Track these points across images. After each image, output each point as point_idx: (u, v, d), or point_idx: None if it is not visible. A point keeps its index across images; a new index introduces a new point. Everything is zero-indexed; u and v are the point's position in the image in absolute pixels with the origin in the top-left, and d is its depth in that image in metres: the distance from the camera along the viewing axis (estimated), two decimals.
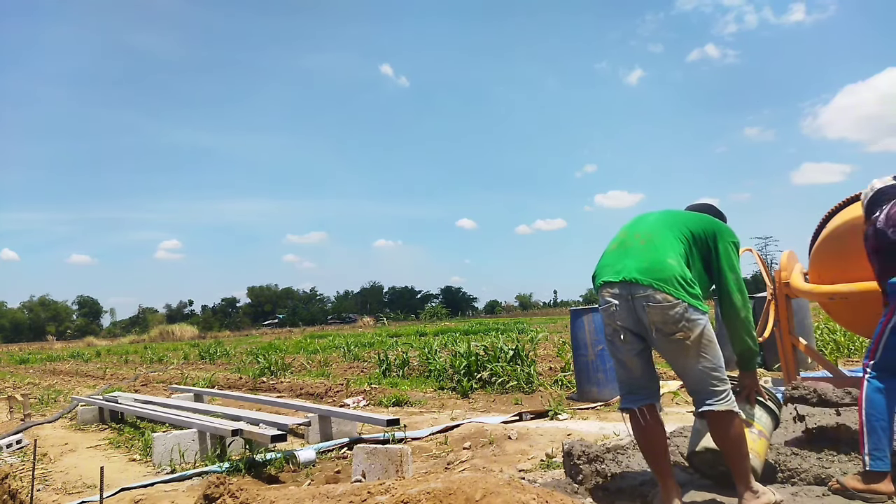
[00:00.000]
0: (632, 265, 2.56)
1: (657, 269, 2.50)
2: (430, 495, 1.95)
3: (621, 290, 2.55)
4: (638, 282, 2.50)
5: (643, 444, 2.63)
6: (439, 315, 59.32)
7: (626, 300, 2.53)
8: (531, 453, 3.87)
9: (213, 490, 2.46)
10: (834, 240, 3.90)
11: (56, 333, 67.48)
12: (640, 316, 2.51)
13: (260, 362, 11.68)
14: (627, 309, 2.54)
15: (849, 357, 7.85)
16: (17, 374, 16.86)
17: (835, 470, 2.78)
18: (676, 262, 2.53)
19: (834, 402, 3.11)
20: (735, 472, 2.47)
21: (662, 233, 2.66)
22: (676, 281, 2.46)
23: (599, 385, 5.95)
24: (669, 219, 2.75)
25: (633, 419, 2.63)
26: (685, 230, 2.68)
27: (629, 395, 2.69)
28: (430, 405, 6.33)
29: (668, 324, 2.45)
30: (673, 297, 2.44)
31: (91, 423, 6.46)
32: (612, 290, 2.58)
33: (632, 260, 2.58)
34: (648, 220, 2.78)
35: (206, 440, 4.49)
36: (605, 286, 2.62)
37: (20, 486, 4.07)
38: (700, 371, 2.49)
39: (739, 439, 2.48)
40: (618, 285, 2.56)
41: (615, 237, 2.81)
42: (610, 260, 2.69)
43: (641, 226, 2.75)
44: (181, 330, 51.52)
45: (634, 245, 2.65)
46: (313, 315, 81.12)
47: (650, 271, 2.50)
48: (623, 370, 2.69)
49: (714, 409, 2.47)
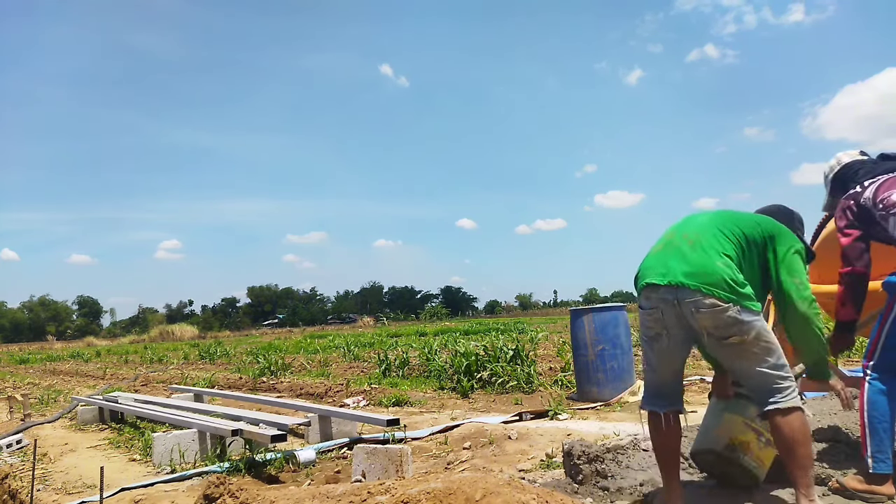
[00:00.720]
0: (678, 268, 2.44)
1: (704, 273, 2.39)
2: (430, 495, 1.95)
3: (667, 294, 2.43)
4: (685, 286, 2.39)
5: (659, 446, 2.58)
6: (439, 315, 59.27)
7: (672, 305, 2.43)
8: (531, 453, 3.87)
9: (213, 490, 2.46)
10: (834, 240, 3.90)
11: (56, 333, 67.43)
12: (690, 321, 2.41)
13: (260, 362, 11.67)
14: (675, 314, 2.43)
15: (849, 357, 7.84)
16: (17, 374, 16.85)
17: (834, 470, 2.78)
18: (725, 265, 2.41)
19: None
20: (796, 477, 2.32)
21: (712, 233, 2.53)
22: (725, 283, 2.35)
23: (599, 385, 5.94)
24: (721, 219, 2.62)
25: (655, 422, 2.57)
26: (737, 231, 2.54)
27: (656, 397, 2.60)
28: (430, 405, 6.32)
29: (721, 328, 2.36)
30: (722, 300, 2.33)
31: (91, 423, 6.45)
32: (658, 294, 2.46)
33: (678, 262, 2.47)
34: (698, 220, 2.65)
35: (206, 440, 4.49)
36: (649, 289, 2.50)
37: (20, 486, 4.07)
38: (761, 372, 2.39)
39: (805, 440, 2.34)
40: (663, 289, 2.44)
41: (661, 237, 2.68)
42: (654, 261, 2.57)
43: (690, 226, 2.62)
44: (181, 330, 51.48)
45: (681, 246, 2.53)
46: (313, 315, 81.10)
47: (697, 275, 2.39)
48: (655, 373, 2.60)
49: (780, 406, 2.33)
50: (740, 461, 2.67)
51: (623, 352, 6.03)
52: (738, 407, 2.77)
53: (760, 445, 2.69)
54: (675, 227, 2.68)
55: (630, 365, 6.12)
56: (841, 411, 3.27)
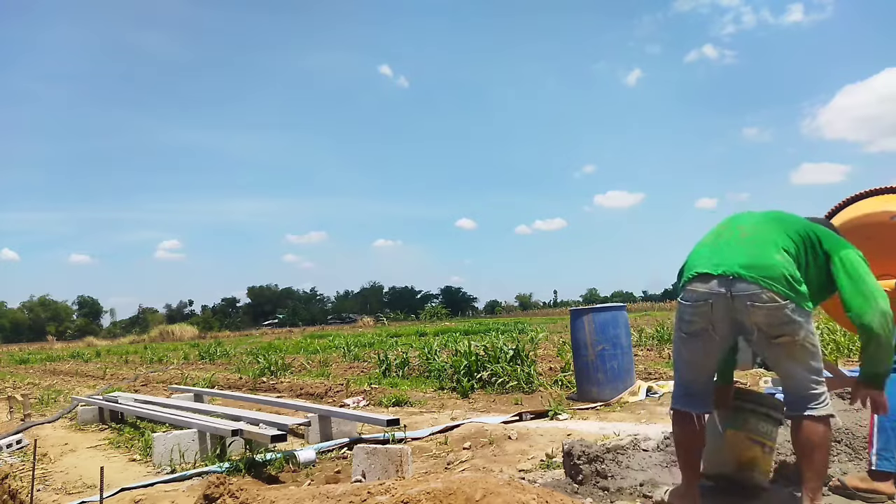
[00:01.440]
0: (733, 259, 2.32)
1: (764, 266, 2.27)
2: (430, 495, 1.95)
3: (720, 286, 2.29)
4: (741, 277, 2.26)
5: (686, 447, 2.51)
6: (439, 315, 59.25)
7: (724, 297, 2.29)
8: (531, 453, 3.87)
9: (213, 490, 2.46)
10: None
11: (56, 333, 67.35)
12: (740, 316, 2.30)
13: (260, 362, 11.67)
14: (725, 307, 2.30)
15: (849, 357, 7.84)
16: (17, 374, 16.85)
17: (834, 470, 2.78)
18: (785, 260, 2.29)
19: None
20: (808, 480, 2.30)
21: (770, 228, 2.42)
22: (785, 279, 2.25)
23: (599, 385, 5.94)
24: (777, 216, 2.51)
25: (685, 422, 2.49)
26: (794, 229, 2.43)
27: (688, 396, 2.50)
28: (430, 405, 6.32)
29: (774, 326, 2.26)
30: (781, 296, 2.23)
31: (91, 423, 6.45)
32: (709, 284, 2.32)
33: (733, 253, 2.34)
34: (751, 216, 2.55)
35: (206, 440, 4.49)
36: (698, 279, 2.35)
37: (20, 486, 4.07)
38: (803, 375, 2.32)
39: (826, 446, 2.33)
40: (716, 279, 2.30)
41: (711, 231, 2.55)
42: (706, 251, 2.43)
43: (743, 221, 2.52)
44: (181, 330, 51.45)
45: (735, 237, 2.41)
46: (313, 315, 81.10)
47: (756, 267, 2.27)
48: (689, 371, 2.49)
49: (815, 413, 2.29)
50: (752, 480, 2.66)
51: (623, 352, 6.03)
52: (738, 422, 2.72)
53: (765, 457, 2.68)
54: (726, 222, 2.58)
55: (630, 365, 6.12)
56: (841, 411, 3.27)
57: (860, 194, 4.16)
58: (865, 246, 3.84)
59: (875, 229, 3.74)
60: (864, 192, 4.15)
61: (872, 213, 3.79)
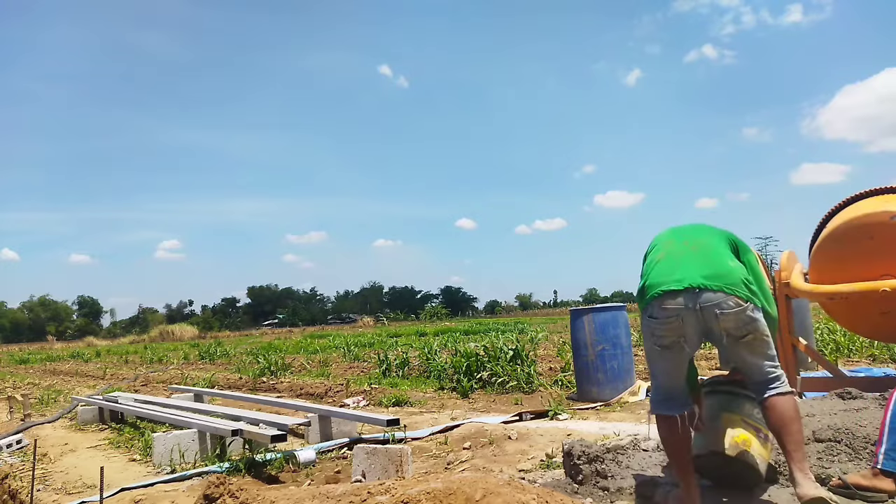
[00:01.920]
0: (694, 271, 2.45)
1: (723, 274, 2.44)
2: (430, 495, 1.95)
3: (687, 300, 2.42)
4: (707, 287, 2.40)
5: (675, 448, 2.58)
6: (439, 315, 59.24)
7: (692, 310, 2.42)
8: (531, 453, 3.87)
9: (213, 490, 2.46)
10: (834, 240, 3.90)
11: (56, 333, 67.36)
12: (710, 324, 2.44)
13: (260, 362, 11.67)
14: (695, 319, 2.44)
15: (849, 357, 7.84)
16: (17, 374, 16.86)
17: (835, 470, 2.78)
18: (737, 265, 2.50)
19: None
20: (791, 451, 2.42)
21: (712, 239, 2.62)
22: (742, 283, 2.43)
23: (599, 385, 5.94)
24: (706, 228, 2.73)
25: (669, 424, 2.57)
26: (727, 236, 2.67)
27: (668, 401, 2.61)
28: (430, 405, 6.32)
29: (740, 327, 2.43)
30: (743, 299, 2.41)
31: (91, 423, 6.45)
32: (676, 301, 2.44)
33: (692, 266, 2.48)
34: (687, 230, 2.74)
35: (206, 440, 4.49)
36: (664, 297, 2.47)
37: (20, 486, 4.07)
38: (764, 364, 2.51)
39: (798, 417, 2.48)
40: (682, 294, 2.43)
41: (656, 250, 2.69)
42: (664, 270, 2.55)
43: (684, 235, 2.69)
44: (181, 330, 51.45)
45: (687, 252, 2.56)
46: (313, 315, 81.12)
47: (717, 276, 2.43)
48: (667, 378, 2.61)
49: (779, 390, 2.48)
50: (746, 459, 2.67)
51: (623, 352, 6.03)
52: (733, 405, 2.79)
53: (761, 442, 2.70)
54: (668, 239, 2.72)
55: (630, 365, 6.12)
56: (841, 411, 3.27)
57: (860, 194, 4.17)
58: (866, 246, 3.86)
59: (875, 229, 3.74)
60: (864, 192, 4.16)
61: (872, 213, 3.80)
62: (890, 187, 4.09)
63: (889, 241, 3.71)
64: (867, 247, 3.75)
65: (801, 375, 4.20)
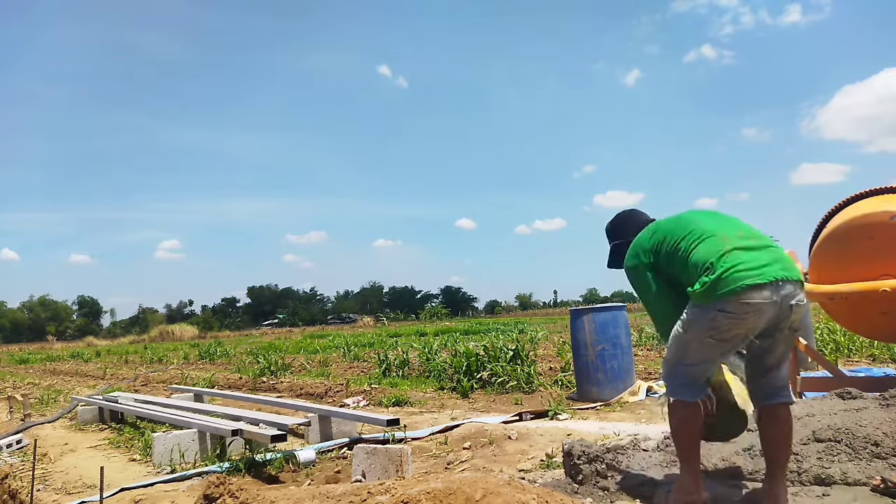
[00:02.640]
0: (774, 263, 2.36)
1: (791, 266, 2.40)
2: (430, 495, 1.95)
3: (772, 293, 2.31)
4: (787, 280, 2.33)
5: (686, 434, 2.51)
6: (439, 315, 59.17)
7: (775, 304, 2.32)
8: (531, 453, 3.87)
9: (213, 490, 2.46)
10: (834, 240, 3.91)
11: (56, 333, 67.33)
12: (782, 316, 2.37)
13: (260, 362, 11.67)
14: (775, 312, 2.34)
15: (849, 357, 7.84)
16: (17, 374, 16.86)
17: (835, 470, 2.77)
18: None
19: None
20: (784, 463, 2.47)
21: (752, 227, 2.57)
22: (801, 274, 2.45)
23: (599, 385, 5.94)
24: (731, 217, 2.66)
25: (688, 410, 2.48)
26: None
27: (691, 386, 2.51)
28: (430, 405, 6.32)
29: (798, 320, 2.43)
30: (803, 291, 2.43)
31: (91, 423, 6.45)
32: (762, 294, 2.30)
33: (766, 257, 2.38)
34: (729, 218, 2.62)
35: (206, 440, 4.49)
36: (749, 291, 2.29)
37: (20, 486, 4.07)
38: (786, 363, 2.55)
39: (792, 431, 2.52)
40: (768, 287, 2.30)
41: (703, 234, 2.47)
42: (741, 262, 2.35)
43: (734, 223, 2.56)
44: (181, 330, 51.46)
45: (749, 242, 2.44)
46: (313, 315, 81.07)
47: (788, 268, 2.37)
48: (702, 368, 2.50)
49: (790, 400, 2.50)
50: (727, 398, 2.62)
51: (623, 352, 6.02)
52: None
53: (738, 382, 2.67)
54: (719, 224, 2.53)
55: (630, 365, 6.12)
56: (841, 411, 3.27)
57: (860, 194, 4.17)
58: (866, 246, 3.86)
59: (875, 229, 3.75)
60: (864, 192, 4.16)
61: (872, 213, 3.80)
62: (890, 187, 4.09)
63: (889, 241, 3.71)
64: (867, 247, 3.76)
65: (801, 375, 4.20)
